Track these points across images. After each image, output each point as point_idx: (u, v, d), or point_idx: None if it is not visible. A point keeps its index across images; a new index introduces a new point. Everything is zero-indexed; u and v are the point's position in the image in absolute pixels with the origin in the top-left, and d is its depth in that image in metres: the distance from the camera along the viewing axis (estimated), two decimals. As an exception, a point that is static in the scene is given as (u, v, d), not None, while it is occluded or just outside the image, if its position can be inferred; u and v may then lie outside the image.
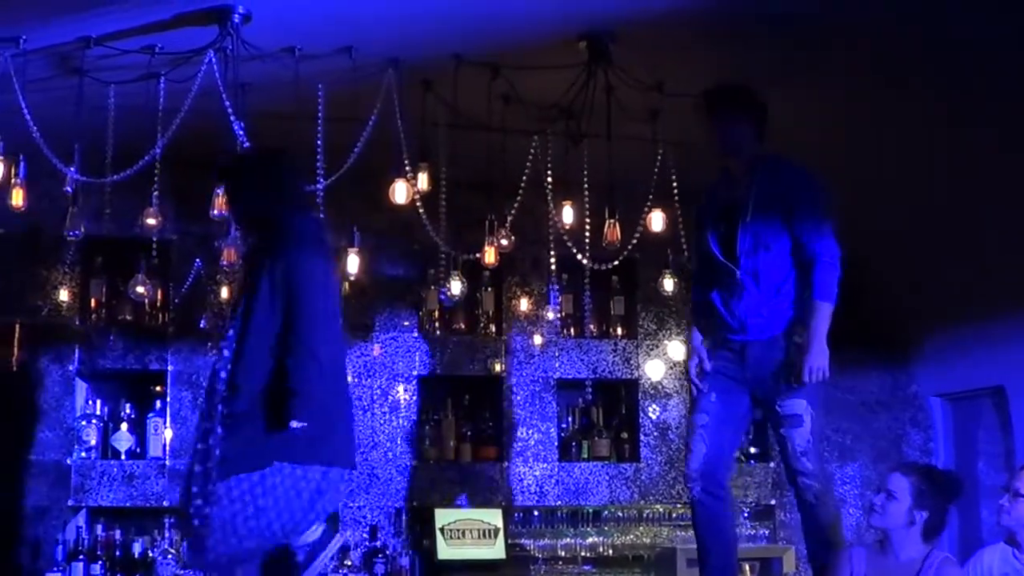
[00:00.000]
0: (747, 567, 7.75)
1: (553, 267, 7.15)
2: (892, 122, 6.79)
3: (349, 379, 5.72)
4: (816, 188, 5.41)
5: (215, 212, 6.44)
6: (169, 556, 7.33)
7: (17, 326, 7.67)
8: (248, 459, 4.85)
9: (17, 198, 6.43)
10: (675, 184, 6.82)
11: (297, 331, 4.85)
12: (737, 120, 5.49)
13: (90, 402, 7.77)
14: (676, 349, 8.28)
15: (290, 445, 4.84)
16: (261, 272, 4.96)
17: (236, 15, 5.66)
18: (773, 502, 8.44)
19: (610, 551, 8.12)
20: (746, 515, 8.40)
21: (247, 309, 4.95)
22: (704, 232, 5.63)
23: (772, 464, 8.42)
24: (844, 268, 5.37)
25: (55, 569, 7.30)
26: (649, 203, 6.74)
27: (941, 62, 6.11)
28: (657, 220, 6.82)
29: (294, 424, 4.76)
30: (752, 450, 8.53)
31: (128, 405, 7.79)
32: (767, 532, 8.38)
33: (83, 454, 7.60)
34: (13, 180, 6.40)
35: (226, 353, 4.95)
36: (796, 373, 5.24)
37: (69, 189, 6.34)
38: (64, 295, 7.61)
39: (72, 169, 6.23)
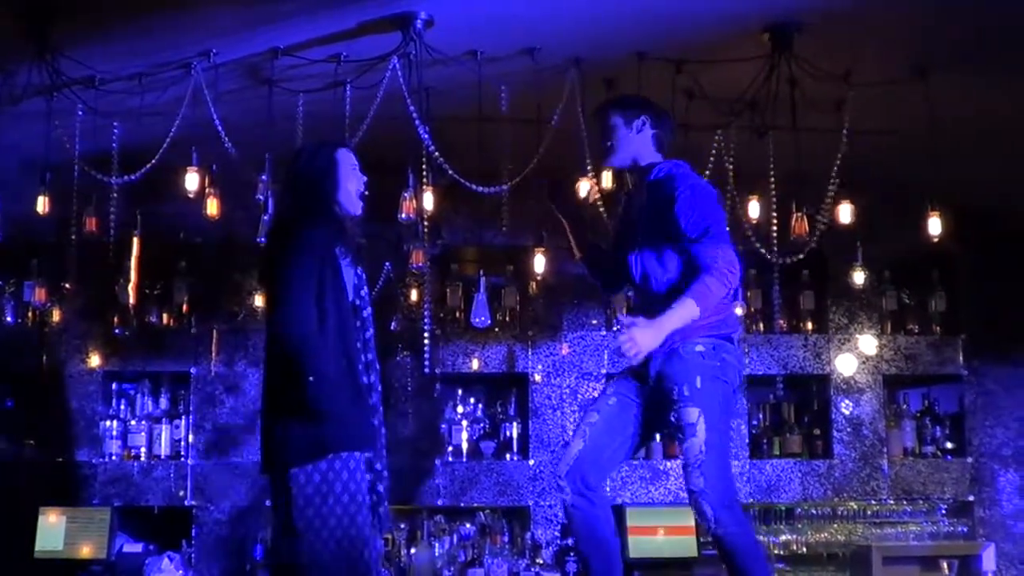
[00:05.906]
0: (944, 564, 7.57)
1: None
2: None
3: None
4: (700, 201, 4.87)
5: (403, 215, 6.52)
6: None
7: (214, 331, 7.92)
8: None
9: (212, 207, 6.64)
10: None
11: None
12: (610, 123, 5.09)
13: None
14: (868, 343, 8.13)
15: None
16: None
17: (419, 20, 5.73)
18: (971, 498, 8.24)
19: (803, 549, 8.01)
20: (943, 511, 8.22)
21: None
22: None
23: (969, 460, 8.25)
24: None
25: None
26: (832, 194, 6.48)
27: None
28: (845, 212, 6.70)
29: None
30: (949, 445, 8.35)
31: (321, 405, 7.92)
32: (965, 529, 8.18)
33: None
34: (208, 190, 6.59)
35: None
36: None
37: (261, 197, 6.49)
38: (259, 300, 7.69)
39: (264, 177, 6.38)
